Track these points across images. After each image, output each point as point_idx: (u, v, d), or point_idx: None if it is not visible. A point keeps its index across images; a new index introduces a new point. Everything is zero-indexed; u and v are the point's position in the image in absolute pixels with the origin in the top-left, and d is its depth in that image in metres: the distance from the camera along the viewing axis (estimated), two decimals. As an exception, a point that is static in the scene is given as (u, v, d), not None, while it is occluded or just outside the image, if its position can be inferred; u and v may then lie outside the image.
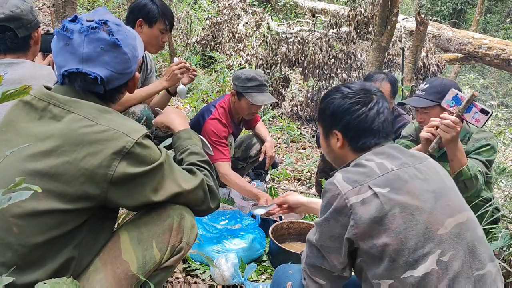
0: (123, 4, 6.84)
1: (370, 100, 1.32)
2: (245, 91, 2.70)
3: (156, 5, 2.38)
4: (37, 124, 1.16)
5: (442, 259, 1.12)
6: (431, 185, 1.21)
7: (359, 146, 1.32)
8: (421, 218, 1.14)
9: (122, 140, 1.14)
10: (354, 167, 1.25)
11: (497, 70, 9.61)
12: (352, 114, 1.31)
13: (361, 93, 1.33)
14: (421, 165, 1.26)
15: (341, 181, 1.21)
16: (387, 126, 1.32)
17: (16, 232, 1.10)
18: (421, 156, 1.32)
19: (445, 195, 1.21)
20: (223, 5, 7.08)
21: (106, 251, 1.25)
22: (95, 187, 1.13)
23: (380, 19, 4.27)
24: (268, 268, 2.12)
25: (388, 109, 1.34)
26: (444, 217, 1.16)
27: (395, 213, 1.14)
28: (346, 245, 1.19)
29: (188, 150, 1.47)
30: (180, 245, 1.33)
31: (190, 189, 1.30)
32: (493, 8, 14.14)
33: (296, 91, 6.46)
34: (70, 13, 4.15)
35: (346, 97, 1.33)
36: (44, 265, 1.13)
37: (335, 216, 1.19)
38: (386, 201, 1.14)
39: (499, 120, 7.94)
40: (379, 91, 1.37)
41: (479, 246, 1.18)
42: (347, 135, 1.33)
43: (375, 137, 1.31)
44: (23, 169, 1.11)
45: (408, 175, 1.20)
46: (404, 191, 1.17)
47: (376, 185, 1.17)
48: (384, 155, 1.26)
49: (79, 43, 1.17)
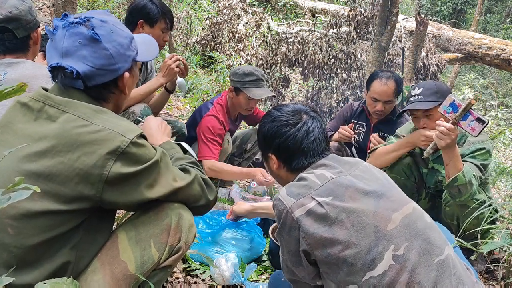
0: (123, 4, 6.83)
1: (298, 121, 1.34)
2: (243, 86, 2.75)
3: (155, 5, 2.37)
4: (33, 125, 1.16)
5: (398, 253, 1.13)
6: (371, 186, 1.24)
7: (293, 167, 1.34)
8: (368, 218, 1.16)
9: (117, 140, 1.14)
10: (296, 181, 1.28)
11: (497, 70, 9.60)
12: (281, 137, 1.33)
13: (290, 114, 1.36)
14: (356, 171, 1.29)
15: (285, 195, 1.23)
16: (319, 144, 1.34)
17: (11, 233, 1.10)
18: (355, 162, 1.35)
19: (385, 193, 1.24)
20: (223, 5, 7.08)
21: (104, 251, 1.24)
22: (90, 187, 1.12)
23: (380, 19, 4.27)
24: (268, 268, 2.12)
25: (319, 128, 1.35)
26: (390, 212, 1.19)
27: (342, 219, 1.16)
28: (304, 258, 1.20)
29: (174, 157, 1.47)
30: (179, 244, 1.33)
31: (186, 184, 1.30)
32: (493, 8, 14.14)
33: (296, 91, 6.46)
34: (70, 13, 4.15)
35: (275, 120, 1.36)
36: (41, 266, 1.13)
37: (287, 231, 1.21)
38: (331, 210, 1.17)
39: (499, 120, 7.95)
40: (311, 110, 1.39)
41: (432, 233, 1.21)
42: (280, 157, 1.36)
43: (306, 157, 1.33)
44: (18, 170, 1.11)
45: (347, 180, 1.23)
46: (347, 197, 1.19)
47: (319, 195, 1.19)
48: (323, 166, 1.29)
49: (60, 38, 1.18)
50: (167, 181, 1.26)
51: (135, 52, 1.32)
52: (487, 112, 8.37)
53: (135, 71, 1.36)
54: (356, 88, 5.47)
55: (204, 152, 2.73)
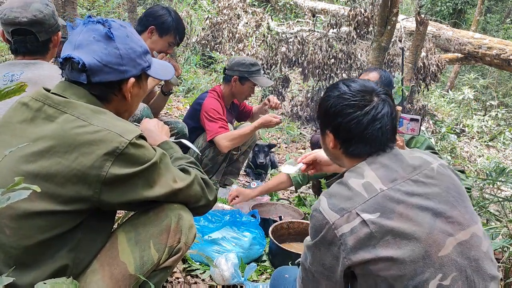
0: (123, 4, 6.84)
1: (367, 104, 1.18)
2: (251, 75, 2.91)
3: (172, 17, 2.40)
4: (31, 125, 1.16)
5: (443, 283, 1.04)
6: (429, 200, 1.10)
7: (350, 152, 1.22)
8: (417, 242, 1.05)
9: (115, 140, 1.13)
10: (338, 187, 1.15)
11: (497, 70, 9.60)
12: (344, 117, 1.19)
13: (359, 94, 1.20)
14: (419, 175, 1.14)
15: (327, 208, 1.11)
16: (384, 133, 1.18)
17: (8, 234, 1.10)
18: (421, 163, 1.18)
19: (445, 211, 1.10)
20: (223, 5, 7.08)
21: (103, 252, 1.24)
22: (87, 188, 1.12)
23: (380, 19, 4.27)
24: (268, 268, 2.12)
25: (388, 116, 1.20)
26: (445, 236, 1.06)
27: (387, 239, 1.05)
28: (341, 274, 1.11)
29: (173, 157, 1.46)
30: (179, 245, 1.32)
31: (186, 185, 1.29)
32: (493, 8, 14.13)
33: (296, 91, 6.46)
34: (70, 13, 4.15)
35: (341, 97, 1.21)
36: (40, 267, 1.12)
37: (325, 245, 1.11)
38: (376, 229, 1.05)
39: (499, 120, 7.94)
40: (383, 92, 1.22)
41: (484, 263, 1.10)
42: (339, 137, 1.23)
43: (367, 145, 1.19)
44: (16, 171, 1.11)
45: (401, 193, 1.10)
46: (396, 214, 1.07)
47: (365, 210, 1.07)
48: (379, 165, 1.16)
49: (77, 33, 1.22)
50: (166, 182, 1.24)
51: (147, 64, 1.33)
52: (487, 112, 8.37)
53: (144, 84, 1.36)
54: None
55: (214, 128, 2.79)
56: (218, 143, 2.78)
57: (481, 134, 7.29)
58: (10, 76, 1.68)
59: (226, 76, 2.98)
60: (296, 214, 2.62)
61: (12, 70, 1.70)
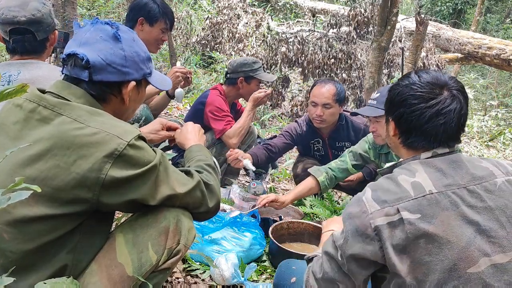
0: (123, 4, 6.84)
1: (434, 97, 1.14)
2: (255, 73, 2.94)
3: (157, 4, 2.40)
4: (26, 127, 1.14)
5: None
6: (479, 215, 1.05)
7: (408, 143, 1.19)
8: (450, 253, 1.01)
9: (113, 142, 1.11)
10: (386, 182, 1.13)
11: (497, 70, 9.60)
12: (407, 108, 1.16)
13: (428, 86, 1.15)
14: (478, 187, 1.08)
15: (370, 198, 1.10)
16: (446, 130, 1.13)
17: (7, 239, 1.09)
18: (485, 175, 1.11)
19: (491, 230, 1.04)
20: (223, 5, 7.09)
21: (101, 253, 1.23)
22: (87, 190, 1.10)
23: (380, 19, 4.26)
24: (268, 268, 2.12)
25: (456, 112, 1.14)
26: (480, 255, 1.02)
27: (419, 243, 1.02)
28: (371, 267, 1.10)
29: (196, 158, 1.47)
30: (178, 247, 1.31)
31: (186, 192, 1.27)
32: (493, 8, 14.13)
33: (296, 91, 6.46)
34: (70, 13, 4.15)
35: (409, 87, 1.17)
36: (39, 270, 1.12)
37: (356, 235, 1.09)
38: (411, 230, 1.02)
39: (499, 120, 7.94)
40: (456, 86, 1.16)
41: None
42: (400, 127, 1.21)
43: (425, 139, 1.15)
44: (13, 174, 1.09)
45: (451, 200, 1.05)
46: (438, 220, 1.03)
47: (406, 209, 1.05)
48: (434, 168, 1.11)
49: (84, 31, 1.23)
50: (165, 187, 1.23)
51: (149, 71, 1.34)
52: (487, 112, 8.37)
53: (143, 90, 1.36)
54: (356, 88, 5.47)
55: (220, 126, 2.80)
56: (226, 142, 2.81)
57: (481, 134, 7.29)
58: (7, 76, 1.67)
59: (230, 79, 2.98)
60: (296, 214, 2.62)
61: (9, 70, 1.69)
